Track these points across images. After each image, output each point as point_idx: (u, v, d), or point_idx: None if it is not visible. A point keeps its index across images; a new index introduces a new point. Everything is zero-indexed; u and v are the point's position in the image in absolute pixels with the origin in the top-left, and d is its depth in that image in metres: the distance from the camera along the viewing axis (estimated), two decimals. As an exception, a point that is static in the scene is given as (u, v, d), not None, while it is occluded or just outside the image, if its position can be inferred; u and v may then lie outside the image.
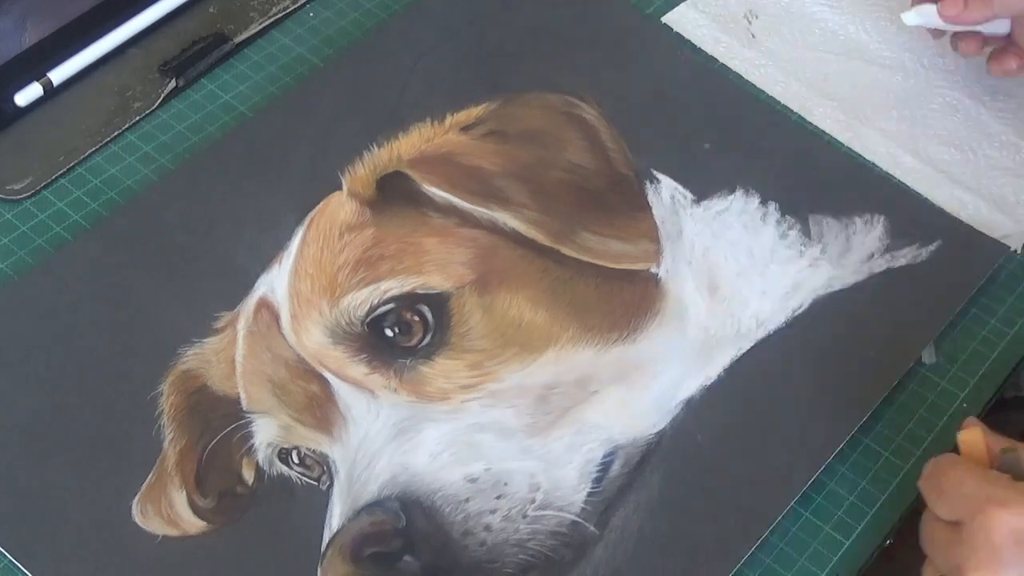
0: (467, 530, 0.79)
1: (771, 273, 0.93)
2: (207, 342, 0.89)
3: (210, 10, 1.06)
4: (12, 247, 0.93)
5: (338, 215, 0.92)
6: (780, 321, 0.91)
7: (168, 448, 0.85)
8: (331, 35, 1.06)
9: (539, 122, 0.99)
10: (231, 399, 0.87)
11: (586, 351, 0.88)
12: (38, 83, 0.99)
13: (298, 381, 0.87)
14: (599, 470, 0.84)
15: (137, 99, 1.01)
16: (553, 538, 0.81)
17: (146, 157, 0.98)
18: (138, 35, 1.03)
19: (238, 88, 1.02)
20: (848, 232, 0.95)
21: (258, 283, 0.91)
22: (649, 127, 1.00)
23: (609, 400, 0.86)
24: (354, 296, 0.88)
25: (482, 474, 0.81)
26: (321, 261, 0.90)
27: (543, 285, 0.90)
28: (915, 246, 0.95)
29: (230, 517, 0.84)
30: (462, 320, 0.88)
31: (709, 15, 1.09)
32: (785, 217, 0.96)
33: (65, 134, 0.99)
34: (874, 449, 0.88)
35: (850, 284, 0.93)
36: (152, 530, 0.82)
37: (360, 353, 0.87)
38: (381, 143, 0.96)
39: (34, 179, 0.96)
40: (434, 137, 0.97)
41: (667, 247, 0.93)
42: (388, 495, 0.80)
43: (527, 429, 0.84)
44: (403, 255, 0.89)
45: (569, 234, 0.91)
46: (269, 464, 0.85)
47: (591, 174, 0.96)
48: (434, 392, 0.85)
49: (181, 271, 0.92)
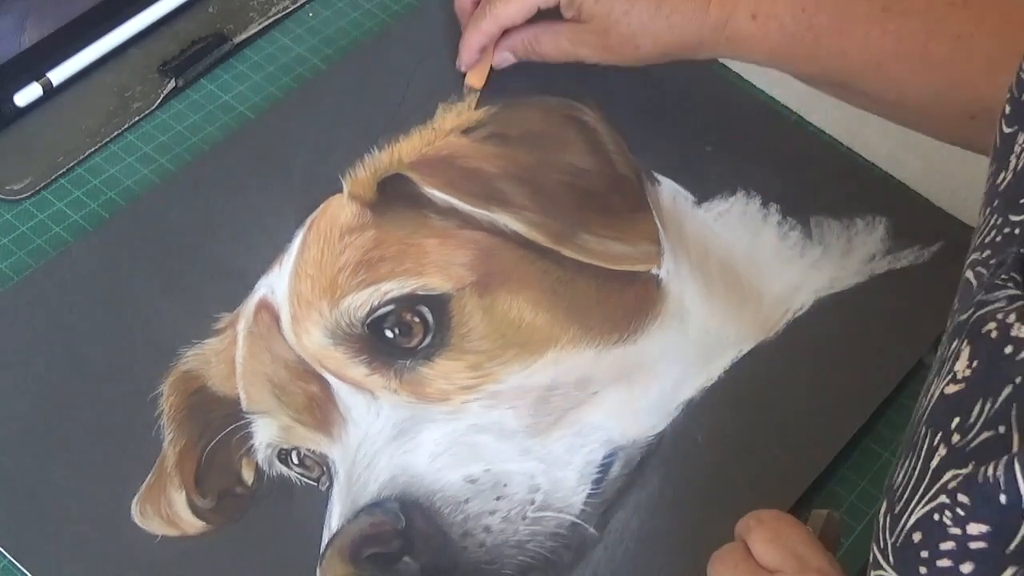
0: (466, 531, 0.79)
1: (772, 274, 0.93)
2: (207, 343, 0.89)
3: (210, 10, 1.06)
4: (12, 247, 0.93)
5: (339, 217, 0.92)
6: (781, 322, 0.91)
7: (168, 448, 0.85)
8: (331, 35, 1.06)
9: (540, 124, 0.99)
10: (231, 400, 0.87)
11: (586, 352, 0.88)
12: (38, 83, 0.99)
13: (298, 382, 0.87)
14: (599, 471, 0.84)
15: (137, 99, 1.01)
16: (552, 540, 0.81)
17: (146, 157, 0.98)
18: (138, 35, 1.03)
19: (238, 88, 1.02)
20: (849, 233, 0.95)
21: (258, 284, 0.91)
22: (649, 129, 1.00)
23: (609, 401, 0.86)
24: (354, 297, 0.88)
25: (482, 475, 0.81)
26: (321, 263, 0.90)
27: (544, 286, 0.90)
28: (917, 247, 0.95)
29: (229, 517, 0.84)
30: (462, 321, 0.88)
31: (710, 16, 1.09)
32: (786, 218, 0.96)
33: (65, 134, 0.99)
34: (874, 449, 0.88)
35: (851, 285, 0.93)
36: (151, 530, 0.82)
37: (360, 354, 0.87)
38: (382, 146, 0.97)
39: (34, 179, 0.96)
40: (435, 140, 0.97)
41: (668, 248, 0.93)
42: (388, 496, 0.80)
43: (527, 430, 0.84)
44: (403, 257, 0.90)
45: (570, 236, 0.91)
46: (269, 465, 0.85)
47: (592, 176, 0.96)
48: (434, 393, 0.85)
49: (182, 272, 0.92)
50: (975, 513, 0.54)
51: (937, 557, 0.56)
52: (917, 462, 0.58)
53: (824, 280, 0.93)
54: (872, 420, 0.88)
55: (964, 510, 0.55)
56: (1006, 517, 0.53)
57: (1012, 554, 0.54)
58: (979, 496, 0.54)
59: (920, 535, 0.56)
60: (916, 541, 0.56)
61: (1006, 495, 0.53)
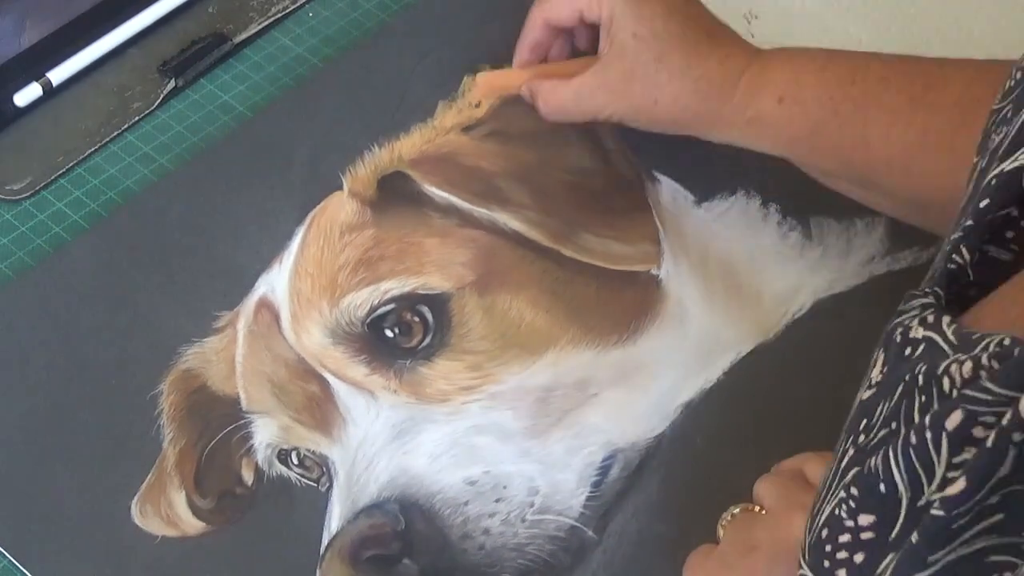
0: (466, 533, 0.79)
1: (772, 275, 0.93)
2: (207, 341, 0.89)
3: (209, 10, 1.06)
4: (11, 247, 0.93)
5: (339, 215, 0.92)
6: (780, 324, 0.91)
7: (168, 448, 0.85)
8: (331, 35, 1.06)
9: (540, 123, 0.98)
10: (231, 399, 0.87)
11: (586, 353, 0.88)
12: (37, 83, 0.99)
13: (298, 381, 0.87)
14: (598, 474, 0.84)
15: (136, 99, 1.01)
16: (552, 543, 0.81)
17: (145, 157, 0.98)
18: (137, 35, 1.03)
19: (237, 88, 1.02)
20: (849, 234, 0.95)
21: (258, 283, 0.91)
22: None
23: (609, 403, 0.86)
24: (354, 296, 0.88)
25: (481, 477, 0.81)
26: (321, 261, 0.90)
27: (543, 286, 0.90)
28: (916, 248, 0.95)
29: (229, 518, 0.84)
30: (462, 321, 0.87)
31: (709, 15, 1.09)
32: (786, 218, 0.95)
33: (64, 134, 0.99)
34: (874, 451, 0.88)
35: (851, 286, 0.93)
36: (151, 530, 0.82)
37: (360, 354, 0.87)
38: (382, 143, 0.96)
39: (33, 179, 0.96)
40: (435, 137, 0.97)
41: (668, 249, 0.93)
42: (387, 497, 0.81)
43: (526, 431, 0.84)
44: (403, 255, 0.89)
45: (570, 235, 0.91)
46: (268, 465, 0.86)
47: (592, 175, 0.96)
48: (434, 393, 0.86)
49: (181, 270, 0.92)
50: (863, 504, 0.56)
51: (837, 550, 0.57)
52: (833, 467, 0.60)
53: (823, 281, 0.93)
54: (871, 421, 0.88)
55: (855, 502, 0.57)
56: (887, 506, 0.55)
57: (892, 542, 0.55)
58: (864, 487, 0.56)
59: (827, 531, 0.58)
60: (823, 536, 0.58)
61: (884, 484, 0.55)
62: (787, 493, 0.76)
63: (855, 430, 0.59)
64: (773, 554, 0.73)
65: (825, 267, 0.93)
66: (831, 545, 0.58)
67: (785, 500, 0.75)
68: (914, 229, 0.96)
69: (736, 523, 0.77)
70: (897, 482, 0.54)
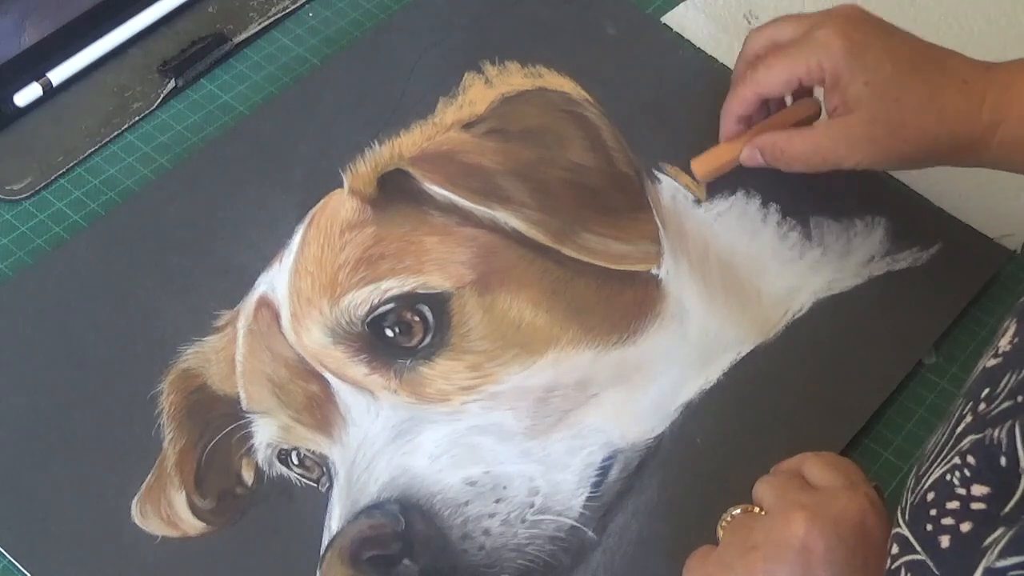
0: (466, 534, 0.79)
1: (771, 275, 0.93)
2: (207, 340, 0.89)
3: (209, 10, 1.06)
4: (11, 247, 0.93)
5: (339, 213, 0.92)
6: (780, 324, 0.91)
7: (168, 448, 0.85)
8: (331, 35, 1.06)
9: (540, 120, 0.98)
10: (231, 399, 0.87)
11: (586, 353, 0.88)
12: (37, 83, 0.99)
13: (298, 381, 0.87)
14: (598, 474, 0.84)
15: (136, 99, 1.01)
16: (552, 543, 0.81)
17: (145, 157, 0.98)
18: (137, 35, 1.03)
19: (237, 88, 1.02)
20: (849, 234, 0.95)
21: (258, 281, 0.91)
22: (649, 127, 0.99)
23: (609, 403, 0.86)
24: (355, 295, 0.87)
25: (481, 477, 0.81)
26: (322, 259, 0.90)
27: (543, 286, 0.90)
28: (915, 249, 0.95)
29: (229, 518, 0.84)
30: (462, 321, 0.87)
31: (709, 15, 1.09)
32: (786, 219, 0.96)
33: (64, 134, 0.99)
34: (874, 449, 0.88)
35: (850, 287, 0.93)
36: (151, 531, 0.82)
37: (360, 353, 0.86)
38: (382, 140, 0.96)
39: (33, 179, 0.96)
40: (435, 135, 0.96)
41: (668, 248, 0.93)
42: (387, 497, 0.80)
43: (526, 432, 0.84)
44: (404, 254, 0.89)
45: (570, 234, 0.91)
46: (269, 465, 0.85)
47: (592, 173, 0.96)
48: (434, 393, 0.85)
49: (181, 269, 0.92)
50: (979, 475, 0.56)
51: (942, 516, 0.57)
52: (947, 429, 0.60)
53: (823, 281, 0.93)
54: (872, 421, 0.88)
55: (970, 471, 0.56)
56: (1005, 479, 0.54)
57: (1005, 517, 0.55)
58: (983, 457, 0.56)
59: (933, 494, 0.58)
60: (929, 500, 0.58)
61: (1006, 457, 0.54)
62: (786, 493, 0.76)
63: (976, 397, 0.58)
64: (772, 554, 0.73)
65: (825, 267, 0.94)
66: (936, 510, 0.57)
67: (784, 501, 0.75)
68: (914, 229, 0.96)
69: (735, 524, 0.77)
70: (1020, 457, 0.54)
